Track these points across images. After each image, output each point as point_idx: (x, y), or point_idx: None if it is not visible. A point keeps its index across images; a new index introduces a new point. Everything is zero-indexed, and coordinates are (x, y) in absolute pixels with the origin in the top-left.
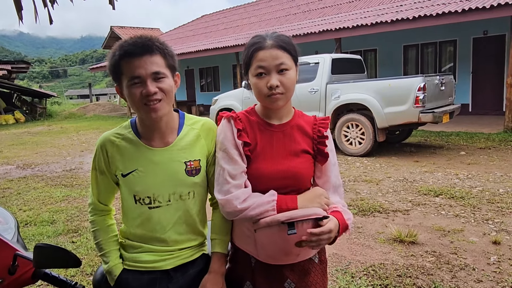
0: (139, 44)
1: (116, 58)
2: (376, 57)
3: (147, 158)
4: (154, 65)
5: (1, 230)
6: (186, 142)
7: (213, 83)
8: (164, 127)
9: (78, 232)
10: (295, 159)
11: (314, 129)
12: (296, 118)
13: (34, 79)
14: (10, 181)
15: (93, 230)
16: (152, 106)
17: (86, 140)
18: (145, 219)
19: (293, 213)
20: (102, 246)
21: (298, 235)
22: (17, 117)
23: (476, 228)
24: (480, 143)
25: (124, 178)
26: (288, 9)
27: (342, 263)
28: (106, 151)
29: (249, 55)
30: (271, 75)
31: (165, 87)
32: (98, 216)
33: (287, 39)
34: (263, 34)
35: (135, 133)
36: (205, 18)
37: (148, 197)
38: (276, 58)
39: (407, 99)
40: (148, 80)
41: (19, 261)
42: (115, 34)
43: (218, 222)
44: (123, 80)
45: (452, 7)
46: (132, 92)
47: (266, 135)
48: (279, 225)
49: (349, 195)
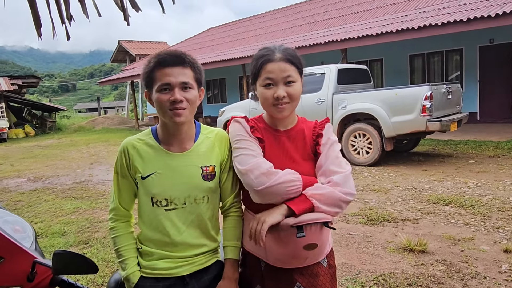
0: (173, 55)
1: (151, 65)
2: (382, 67)
3: (166, 162)
4: (184, 76)
5: (19, 239)
6: (203, 149)
7: (220, 94)
8: (183, 134)
9: (89, 244)
10: (300, 162)
11: (314, 132)
12: (299, 124)
13: (44, 93)
14: (21, 193)
15: (113, 237)
16: (176, 111)
17: (96, 153)
18: (161, 221)
19: (301, 217)
20: (121, 252)
21: (307, 238)
22: (27, 131)
23: (487, 236)
24: (489, 151)
25: (143, 181)
26: (294, 20)
27: (352, 272)
28: (128, 154)
29: (258, 66)
30: (279, 86)
31: (191, 97)
32: (119, 222)
33: (293, 53)
34: (271, 47)
35: (156, 139)
36: (211, 31)
37: (165, 199)
38: (284, 70)
39: (414, 108)
40: (176, 88)
41: (37, 268)
42: (123, 48)
43: (229, 229)
44: (154, 86)
45: (458, 16)
46: (161, 98)
47: (272, 139)
48: (288, 229)
49: (358, 205)
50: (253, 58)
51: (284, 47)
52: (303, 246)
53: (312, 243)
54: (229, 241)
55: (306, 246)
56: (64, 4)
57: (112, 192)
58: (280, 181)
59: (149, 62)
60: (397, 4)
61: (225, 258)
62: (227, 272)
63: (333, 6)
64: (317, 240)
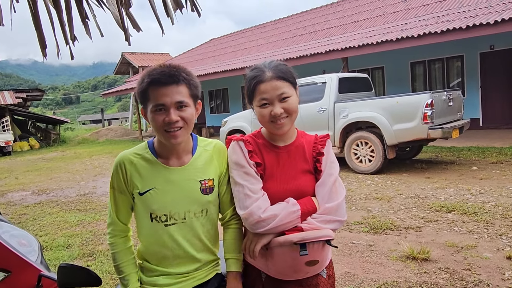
0: (167, 74)
1: (144, 85)
2: (384, 75)
3: (164, 177)
4: (179, 95)
5: (25, 252)
6: (201, 162)
7: (222, 104)
8: (181, 149)
9: (93, 256)
10: (300, 178)
11: (314, 148)
12: (299, 138)
13: (48, 106)
14: (26, 207)
15: (113, 253)
16: (172, 133)
17: (99, 165)
18: (160, 236)
19: (305, 234)
20: (121, 269)
21: (309, 256)
22: (32, 143)
23: (490, 243)
24: (492, 157)
25: (141, 197)
26: (295, 30)
27: (355, 281)
28: (125, 169)
29: (251, 88)
30: (274, 105)
31: (187, 116)
32: (118, 238)
33: (284, 68)
34: (261, 66)
35: (153, 153)
36: (213, 42)
37: (165, 215)
38: (276, 88)
39: (415, 116)
40: (171, 108)
41: (43, 281)
42: (126, 60)
43: (231, 241)
44: (149, 105)
45: (457, 23)
46: (156, 118)
47: (272, 156)
48: (291, 246)
49: (361, 213)
50: (246, 79)
51: (274, 63)
52: (305, 262)
53: (314, 259)
54: (231, 253)
55: (308, 262)
56: (68, 26)
57: (109, 206)
58: (278, 224)
59: (142, 80)
60: (397, 12)
61: (228, 270)
62: (230, 285)
63: (334, 15)
64: (318, 257)
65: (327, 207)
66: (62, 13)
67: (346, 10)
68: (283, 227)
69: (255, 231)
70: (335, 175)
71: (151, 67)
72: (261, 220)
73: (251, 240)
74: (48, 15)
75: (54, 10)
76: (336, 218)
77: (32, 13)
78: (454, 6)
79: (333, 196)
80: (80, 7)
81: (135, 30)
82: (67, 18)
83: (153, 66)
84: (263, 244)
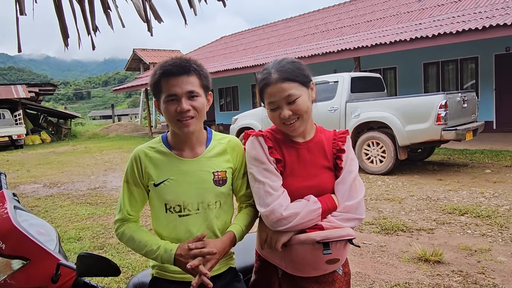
0: (178, 65)
1: (157, 76)
2: (396, 75)
3: (178, 168)
4: (190, 85)
5: (44, 241)
6: (214, 154)
7: (232, 102)
8: (194, 140)
9: (104, 249)
10: (320, 175)
11: (334, 144)
12: (318, 134)
13: (59, 100)
14: (37, 199)
15: (128, 238)
16: (185, 122)
17: (109, 160)
18: (175, 227)
19: (328, 233)
20: (146, 239)
21: (331, 254)
22: (43, 137)
23: (504, 247)
24: (505, 161)
25: (156, 188)
26: (307, 29)
27: (366, 281)
28: (140, 162)
29: (260, 90)
30: (282, 108)
31: (198, 105)
32: (128, 223)
33: (291, 67)
34: (269, 67)
35: (166, 146)
36: (224, 40)
37: (179, 205)
38: (283, 91)
39: (429, 117)
40: (183, 98)
41: (61, 270)
42: (137, 56)
43: (241, 214)
44: (162, 96)
45: (473, 24)
46: (168, 108)
47: (292, 152)
48: (313, 244)
49: (372, 214)
50: (256, 80)
51: (282, 63)
52: (326, 261)
53: (335, 258)
54: (237, 221)
55: (329, 261)
56: (90, 16)
57: (120, 202)
58: (299, 222)
59: (155, 73)
60: (411, 12)
61: (228, 230)
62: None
63: (346, 15)
64: (340, 255)
65: (347, 205)
66: (84, 3)
67: (359, 9)
68: (303, 225)
69: (276, 229)
70: (355, 172)
71: (163, 60)
72: (283, 218)
73: (271, 237)
74: (71, 6)
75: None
76: (355, 216)
77: (55, 4)
78: (470, 6)
79: (353, 194)
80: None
81: (157, 21)
82: (89, 9)
83: (165, 59)
84: (284, 242)
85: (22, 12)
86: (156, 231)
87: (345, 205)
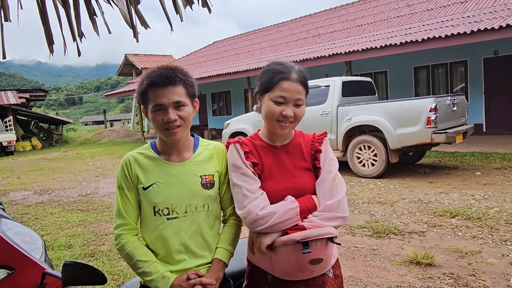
0: (164, 76)
1: (144, 86)
2: (387, 79)
3: (166, 171)
4: (176, 95)
5: (30, 250)
6: (201, 159)
7: (225, 107)
8: (181, 146)
9: (95, 256)
10: (299, 176)
11: (312, 146)
12: (296, 137)
13: (50, 106)
14: (27, 206)
15: (128, 251)
16: (172, 131)
17: (101, 166)
18: (162, 231)
19: (307, 233)
20: (144, 259)
21: (312, 254)
22: (34, 143)
23: (494, 249)
24: (495, 163)
25: (145, 191)
26: (298, 34)
27: (358, 285)
28: (130, 166)
29: (274, 81)
30: (288, 106)
31: (184, 115)
32: (130, 236)
33: (306, 76)
34: (288, 65)
35: (155, 151)
36: (216, 44)
37: (167, 208)
38: (297, 92)
39: (419, 120)
40: (170, 108)
41: (47, 279)
42: (129, 61)
43: (224, 233)
44: (149, 105)
45: (461, 28)
46: (156, 118)
47: (270, 156)
48: (294, 244)
49: (363, 217)
50: (268, 69)
51: (299, 68)
52: (309, 261)
53: (318, 258)
54: (222, 243)
55: (312, 261)
56: (76, 22)
57: (117, 208)
58: (276, 222)
59: (142, 82)
60: (401, 17)
61: (213, 257)
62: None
63: (337, 19)
64: (322, 255)
65: (328, 204)
66: (70, 9)
67: (350, 14)
68: (282, 225)
69: (254, 230)
70: (334, 172)
71: (150, 69)
72: (259, 218)
73: (255, 240)
74: (56, 11)
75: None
76: (337, 214)
77: (39, 9)
78: (459, 11)
79: (334, 193)
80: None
81: (143, 27)
82: (74, 15)
83: (152, 68)
84: (267, 244)
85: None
86: (144, 235)
87: (326, 204)
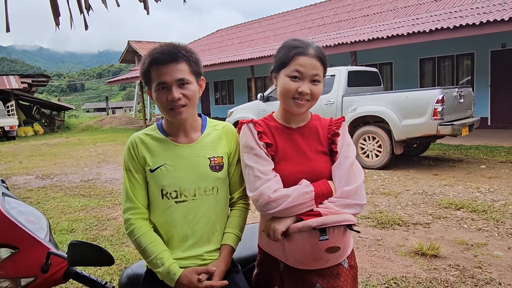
0: (166, 52)
1: (146, 65)
2: (392, 71)
3: (174, 153)
4: (179, 72)
5: (34, 230)
6: (209, 140)
7: (227, 96)
8: (188, 127)
9: (97, 241)
10: (315, 159)
11: (329, 129)
12: (313, 120)
13: (52, 92)
14: (29, 190)
15: (137, 237)
16: (176, 110)
17: (103, 152)
18: (171, 214)
19: (324, 219)
20: (152, 249)
21: (329, 241)
22: (36, 129)
23: (501, 242)
24: (501, 156)
25: (152, 173)
26: (303, 23)
27: (363, 275)
28: (137, 147)
29: (290, 56)
30: (304, 82)
31: (189, 93)
32: (140, 221)
33: (324, 53)
34: (304, 41)
35: (162, 132)
36: (220, 33)
37: (175, 191)
38: (314, 67)
39: (425, 112)
40: (173, 86)
41: (52, 259)
42: (132, 48)
43: (233, 218)
44: (152, 85)
45: (469, 19)
46: (159, 97)
47: (285, 137)
48: (310, 231)
49: (368, 208)
50: (284, 46)
51: (317, 44)
52: (325, 249)
53: (335, 246)
54: (231, 228)
55: (328, 249)
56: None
57: (125, 191)
58: (290, 205)
59: (144, 61)
60: (408, 7)
61: (222, 243)
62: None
63: (343, 9)
64: (340, 243)
65: (345, 190)
66: None
67: (356, 3)
68: (296, 209)
69: (266, 213)
70: (352, 158)
71: (153, 47)
72: (271, 200)
73: (268, 227)
74: None
75: None
76: (355, 201)
77: None
78: (467, 2)
79: (351, 178)
80: None
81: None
82: None
83: (154, 46)
84: (281, 231)
85: None
86: (152, 218)
87: (343, 190)
